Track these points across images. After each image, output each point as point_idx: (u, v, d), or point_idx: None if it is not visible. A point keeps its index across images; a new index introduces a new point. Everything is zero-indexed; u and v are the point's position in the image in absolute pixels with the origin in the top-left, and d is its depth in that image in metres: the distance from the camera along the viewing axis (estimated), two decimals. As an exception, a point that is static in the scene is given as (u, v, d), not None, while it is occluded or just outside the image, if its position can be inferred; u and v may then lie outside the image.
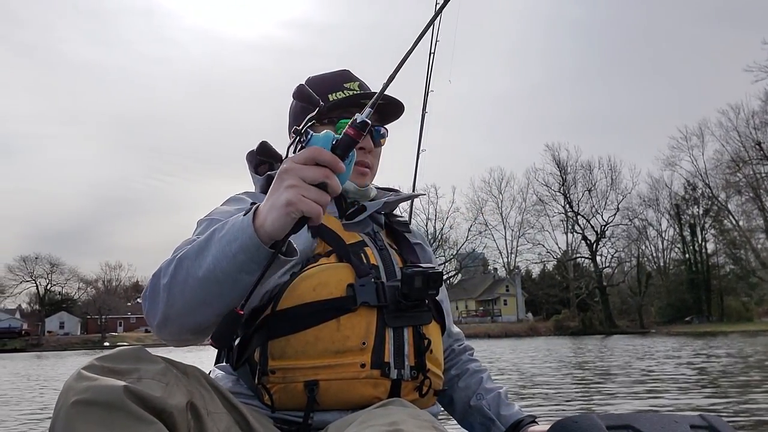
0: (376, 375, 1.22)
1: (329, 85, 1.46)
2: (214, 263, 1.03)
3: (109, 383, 0.89)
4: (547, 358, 16.01)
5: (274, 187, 0.99)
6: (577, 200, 66.27)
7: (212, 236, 1.06)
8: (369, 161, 1.46)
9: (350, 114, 1.37)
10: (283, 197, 0.97)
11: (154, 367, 0.96)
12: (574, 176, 66.72)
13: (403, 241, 1.49)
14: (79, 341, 61.67)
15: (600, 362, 13.26)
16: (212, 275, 1.03)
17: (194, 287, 1.05)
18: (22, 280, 76.99)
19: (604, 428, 1.17)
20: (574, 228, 66.57)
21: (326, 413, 1.20)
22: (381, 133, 1.48)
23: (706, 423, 1.18)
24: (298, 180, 0.97)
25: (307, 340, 1.21)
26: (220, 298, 1.05)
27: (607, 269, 66.04)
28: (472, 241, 70.55)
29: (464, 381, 1.53)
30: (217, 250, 1.03)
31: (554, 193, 67.58)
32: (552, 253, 69.39)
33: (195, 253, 1.06)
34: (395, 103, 1.45)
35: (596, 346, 23.48)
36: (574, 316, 59.63)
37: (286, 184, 0.97)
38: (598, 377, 9.52)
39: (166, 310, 1.07)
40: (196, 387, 1.01)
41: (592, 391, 7.48)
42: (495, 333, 52.08)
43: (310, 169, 0.96)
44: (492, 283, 70.69)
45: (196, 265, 1.05)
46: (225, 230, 1.05)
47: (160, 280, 1.08)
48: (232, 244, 1.02)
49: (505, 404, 1.47)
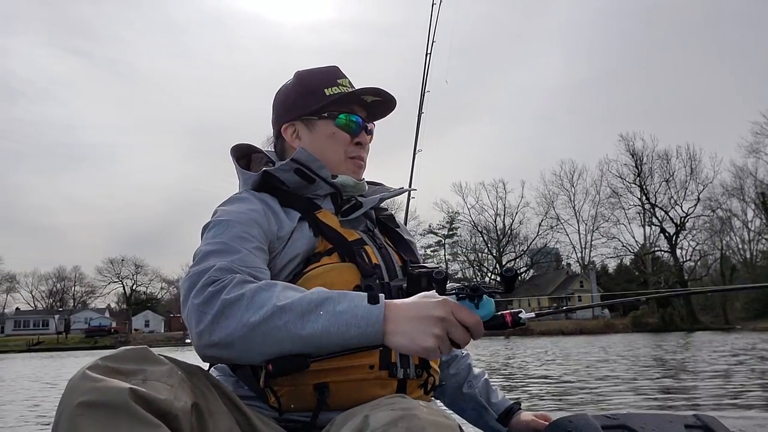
0: (384, 376, 1.24)
1: (324, 80, 1.47)
2: (323, 333, 1.02)
3: (115, 384, 0.87)
4: (648, 355, 15.50)
5: (423, 323, 1.01)
6: (654, 191, 63.74)
7: (325, 305, 1.04)
8: (364, 155, 1.49)
9: (349, 109, 1.45)
10: (427, 343, 1.00)
11: (159, 368, 0.95)
12: (650, 166, 64.21)
13: (397, 238, 1.50)
14: (163, 338, 64.32)
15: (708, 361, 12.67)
16: (315, 341, 1.03)
17: (287, 341, 1.04)
18: (110, 281, 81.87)
19: (599, 428, 1.20)
20: (651, 220, 64.01)
21: (333, 413, 1.18)
22: (370, 129, 1.51)
23: (700, 423, 1.20)
24: (445, 333, 1.01)
25: None
26: (305, 353, 1.06)
27: (688, 263, 63.25)
28: (543, 236, 69.32)
29: (454, 367, 1.62)
30: (331, 323, 1.02)
31: (629, 185, 65.31)
32: (628, 247, 66.98)
33: (302, 312, 1.04)
34: (389, 99, 1.48)
35: (678, 343, 22.50)
36: (653, 312, 57.22)
37: (436, 331, 1.01)
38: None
39: (239, 343, 1.05)
40: (200, 387, 1.01)
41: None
42: (569, 330, 50.70)
43: (462, 332, 1.02)
44: (565, 278, 68.75)
45: (299, 324, 1.03)
46: (344, 306, 1.04)
47: (242, 311, 1.05)
48: (351, 329, 1.02)
49: (492, 391, 1.60)
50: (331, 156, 1.44)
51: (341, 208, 1.43)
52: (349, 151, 1.46)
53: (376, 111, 1.52)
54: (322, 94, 1.44)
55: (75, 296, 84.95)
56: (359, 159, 1.47)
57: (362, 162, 1.49)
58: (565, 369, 11.48)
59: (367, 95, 1.46)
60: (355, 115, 1.46)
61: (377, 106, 1.50)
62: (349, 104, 1.46)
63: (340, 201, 1.44)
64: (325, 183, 1.42)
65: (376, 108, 1.51)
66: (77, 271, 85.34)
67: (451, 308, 1.02)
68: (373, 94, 1.46)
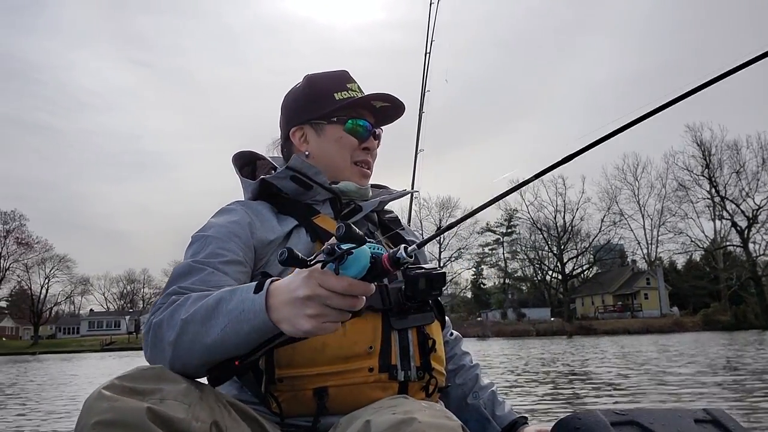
0: (384, 378, 1.23)
1: (334, 85, 1.47)
2: (223, 336, 1.01)
3: (132, 404, 0.87)
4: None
5: (294, 306, 0.95)
6: (724, 183, 61.15)
7: (219, 306, 1.03)
8: (370, 160, 1.49)
9: (358, 114, 1.45)
10: (304, 326, 0.94)
11: (176, 387, 0.95)
12: (719, 157, 61.64)
13: (398, 240, 1.49)
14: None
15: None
16: (221, 346, 1.03)
17: (202, 352, 1.04)
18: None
19: (608, 424, 1.18)
20: (721, 214, 61.38)
21: (335, 417, 1.18)
22: (378, 135, 1.51)
23: (710, 417, 1.17)
24: (323, 309, 0.92)
25: (314, 347, 1.20)
26: (226, 356, 1.06)
27: (762, 257, 60.06)
28: (606, 233, 67.39)
29: (461, 377, 1.56)
30: (226, 324, 1.01)
31: (697, 177, 62.89)
32: (697, 242, 64.50)
33: (201, 320, 1.04)
34: (398, 105, 1.48)
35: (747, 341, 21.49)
36: (725, 309, 54.71)
37: (309, 312, 0.93)
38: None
39: (172, 364, 1.06)
40: (218, 406, 1.01)
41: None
42: (635, 329, 49.08)
43: (341, 300, 0.92)
44: (630, 276, 66.48)
45: (203, 332, 1.03)
46: (234, 303, 1.02)
47: (163, 332, 1.07)
48: (243, 324, 1.00)
49: (498, 403, 1.52)
50: (338, 160, 1.45)
51: (341, 212, 1.43)
52: (356, 155, 1.46)
53: (384, 116, 1.52)
54: (331, 99, 1.45)
55: (144, 298, 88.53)
56: (365, 164, 1.48)
57: (368, 167, 1.49)
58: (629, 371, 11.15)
59: (377, 101, 1.47)
60: (364, 120, 1.47)
61: (386, 111, 1.50)
62: (358, 109, 1.46)
63: (340, 206, 1.44)
64: (322, 188, 1.43)
65: (385, 113, 1.51)
66: (145, 274, 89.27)
67: (317, 281, 0.91)
68: (383, 100, 1.47)
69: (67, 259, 73.28)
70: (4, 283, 70.61)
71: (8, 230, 68.29)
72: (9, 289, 73.45)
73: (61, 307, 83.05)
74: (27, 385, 13.00)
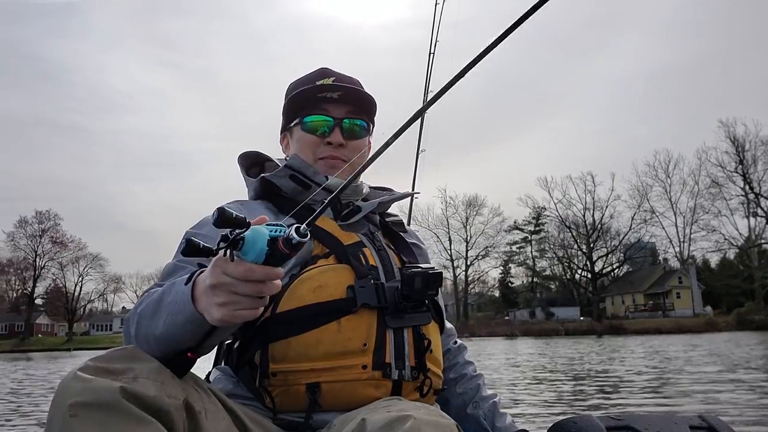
0: (377, 376, 1.23)
1: (302, 85, 1.47)
2: (166, 328, 1.03)
3: (105, 384, 0.89)
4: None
5: (207, 295, 0.95)
6: (759, 180, 59.43)
7: (162, 299, 1.06)
8: (341, 154, 1.45)
9: (320, 111, 1.43)
10: (216, 315, 0.94)
11: (148, 365, 0.97)
12: (753, 153, 59.98)
13: (399, 241, 1.48)
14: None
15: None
16: (168, 338, 1.05)
17: (156, 344, 1.06)
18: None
19: (604, 429, 1.18)
20: (756, 211, 59.76)
21: (328, 414, 1.20)
22: (361, 126, 1.47)
23: (705, 423, 1.17)
24: (231, 296, 0.91)
25: (308, 343, 1.21)
26: (178, 348, 1.07)
27: (799, 256, 58.51)
28: (636, 231, 66.18)
29: (462, 386, 1.54)
30: (167, 316, 1.03)
31: (731, 174, 61.30)
32: (731, 239, 62.87)
33: (150, 314, 1.07)
34: (349, 90, 1.44)
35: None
36: (760, 308, 53.37)
37: (217, 300, 0.92)
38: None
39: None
40: (191, 386, 1.03)
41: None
42: (667, 328, 48.19)
43: (245, 286, 0.90)
44: (662, 274, 65.34)
45: (153, 326, 1.06)
46: (172, 296, 1.04)
47: (128, 326, 1.12)
48: (178, 316, 1.01)
49: (499, 415, 1.51)
50: (309, 160, 1.44)
51: (341, 212, 1.44)
52: (318, 152, 1.45)
53: (360, 105, 1.47)
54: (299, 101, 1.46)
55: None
56: (331, 158, 1.44)
57: (335, 160, 1.44)
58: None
59: (327, 92, 1.43)
60: (320, 114, 1.44)
61: (354, 99, 1.46)
62: (319, 104, 1.44)
63: (340, 206, 1.44)
64: (321, 189, 1.40)
65: (357, 103, 1.47)
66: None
67: (221, 268, 0.90)
68: (332, 90, 1.43)
69: (99, 258, 74.67)
70: (40, 281, 72.52)
71: (44, 229, 69.95)
72: (44, 287, 75.34)
73: (95, 304, 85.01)
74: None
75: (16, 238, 69.34)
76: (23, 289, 74.39)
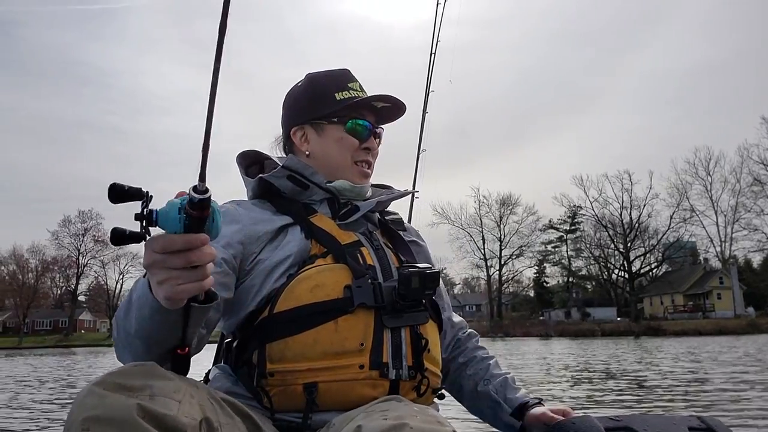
0: (375, 376, 1.23)
1: (335, 84, 1.48)
2: (138, 324, 1.04)
3: (121, 400, 0.88)
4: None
5: (150, 276, 0.95)
6: (805, 178, 57.46)
7: (131, 297, 1.07)
8: (372, 161, 1.50)
9: (359, 114, 1.47)
10: (161, 294, 0.93)
11: (166, 383, 0.95)
12: (799, 150, 57.89)
13: (398, 240, 1.49)
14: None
15: None
16: (141, 334, 1.05)
17: (134, 342, 1.08)
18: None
19: (602, 430, 1.20)
20: (802, 210, 57.80)
21: (325, 414, 1.20)
22: (378, 134, 1.52)
23: (703, 425, 1.18)
24: (167, 272, 0.90)
25: (305, 343, 1.21)
26: (161, 345, 1.07)
27: None
28: (675, 230, 64.43)
29: (472, 368, 1.56)
30: (136, 311, 1.04)
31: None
32: (775, 239, 60.92)
33: (124, 313, 1.08)
34: (399, 105, 1.50)
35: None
36: (806, 310, 51.66)
37: (157, 279, 0.91)
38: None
39: (126, 360, 1.12)
40: (209, 402, 1.02)
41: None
42: (707, 330, 46.93)
43: (174, 258, 0.88)
44: (702, 275, 63.54)
45: (127, 325, 1.07)
46: (137, 291, 1.04)
47: (113, 331, 1.15)
48: (144, 309, 1.01)
49: (511, 388, 1.50)
50: (338, 160, 1.47)
51: (339, 212, 1.44)
52: (356, 156, 1.48)
53: (385, 115, 1.53)
54: (332, 99, 1.46)
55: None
56: (366, 164, 1.49)
57: (369, 167, 1.50)
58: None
59: (378, 102, 1.48)
60: (364, 120, 1.48)
61: (387, 110, 1.52)
62: (359, 109, 1.48)
63: (338, 205, 1.45)
64: (319, 188, 1.45)
65: (386, 112, 1.52)
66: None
67: (150, 247, 0.89)
68: (384, 101, 1.48)
69: (139, 257, 75.41)
70: (83, 278, 74.73)
71: (86, 228, 71.89)
72: (87, 284, 77.56)
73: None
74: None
75: (60, 237, 71.76)
76: (67, 287, 76.76)
